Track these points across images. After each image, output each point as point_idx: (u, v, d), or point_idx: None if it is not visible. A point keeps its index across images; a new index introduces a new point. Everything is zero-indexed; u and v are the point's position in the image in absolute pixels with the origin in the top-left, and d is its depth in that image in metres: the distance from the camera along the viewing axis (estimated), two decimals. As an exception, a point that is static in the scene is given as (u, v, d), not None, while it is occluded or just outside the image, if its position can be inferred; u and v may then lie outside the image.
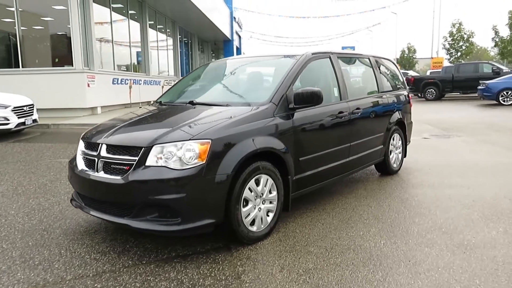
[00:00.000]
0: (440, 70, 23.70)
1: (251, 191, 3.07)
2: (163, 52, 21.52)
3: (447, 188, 4.54)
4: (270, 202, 3.27)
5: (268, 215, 3.28)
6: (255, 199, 3.13)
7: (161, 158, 2.79)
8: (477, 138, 8.20)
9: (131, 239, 3.27)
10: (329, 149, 3.86)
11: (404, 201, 4.10)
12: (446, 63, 33.81)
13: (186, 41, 26.83)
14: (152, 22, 19.41)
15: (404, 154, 5.59)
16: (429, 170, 5.49)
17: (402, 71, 33.42)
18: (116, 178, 2.85)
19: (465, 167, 5.60)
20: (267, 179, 3.20)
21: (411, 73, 30.95)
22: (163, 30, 21.33)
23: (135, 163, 2.81)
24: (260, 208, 3.18)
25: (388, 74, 5.51)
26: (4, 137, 9.11)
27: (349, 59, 4.68)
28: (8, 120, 8.80)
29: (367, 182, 4.92)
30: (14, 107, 8.94)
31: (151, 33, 19.00)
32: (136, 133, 3.16)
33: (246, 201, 3.06)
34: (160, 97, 4.28)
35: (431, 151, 6.85)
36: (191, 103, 3.69)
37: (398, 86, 5.58)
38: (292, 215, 3.77)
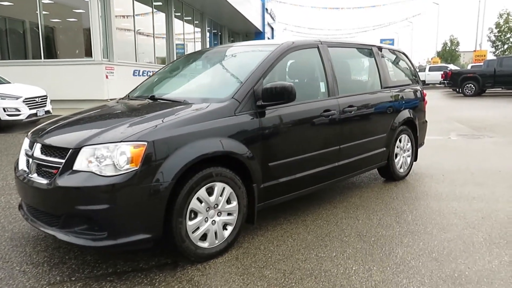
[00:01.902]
0: (482, 64, 22.16)
1: (200, 202, 2.65)
2: (190, 44, 21.35)
3: (455, 200, 3.92)
4: (229, 214, 2.84)
5: (226, 229, 2.85)
6: (207, 211, 2.71)
7: (92, 161, 2.42)
8: (511, 139, 7.35)
9: (74, 249, 2.94)
10: (309, 153, 3.36)
11: (399, 215, 3.54)
12: (492, 57, 31.72)
13: (215, 33, 26.57)
14: (179, 14, 19.24)
15: (415, 157, 4.96)
16: (442, 176, 4.84)
17: (441, 64, 31.75)
18: (43, 183, 2.53)
19: (486, 174, 4.90)
20: (224, 188, 2.76)
21: (452, 67, 29.24)
22: (190, 22, 21.14)
23: (61, 166, 2.46)
24: (215, 221, 2.76)
25: (396, 68, 4.89)
26: (15, 128, 9.16)
27: (345, 49, 4.12)
28: (19, 111, 8.82)
29: (365, 189, 4.36)
30: (26, 98, 8.95)
31: (177, 25, 18.84)
32: (71, 133, 2.81)
33: (195, 213, 2.65)
34: (132, 90, 3.93)
35: (453, 154, 6.14)
36: (152, 98, 3.31)
37: (408, 81, 4.94)
38: (264, 227, 3.32)
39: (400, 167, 4.69)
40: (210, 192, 2.71)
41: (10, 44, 14.10)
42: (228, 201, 2.83)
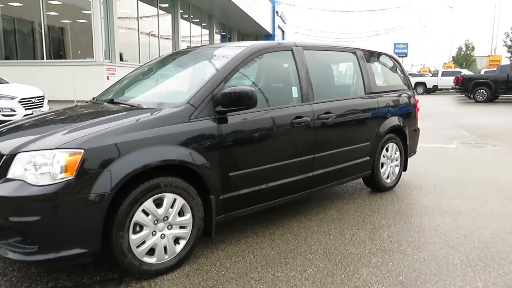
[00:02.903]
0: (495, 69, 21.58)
1: (147, 214, 2.47)
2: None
3: (440, 215, 3.65)
4: (181, 227, 2.65)
5: (178, 243, 2.66)
6: (155, 224, 2.52)
7: (27, 169, 2.26)
8: (515, 149, 7.00)
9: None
10: (277, 162, 3.15)
11: (375, 231, 3.30)
12: (507, 62, 30.94)
13: (224, 35, 26.50)
14: (186, 16, 19.21)
15: (404, 167, 4.70)
16: (433, 187, 4.57)
17: (454, 69, 31.03)
18: None
19: (481, 185, 4.61)
20: (175, 199, 2.57)
21: (465, 72, 28.60)
22: (198, 24, 21.09)
23: None
24: (164, 235, 2.57)
25: (384, 72, 4.65)
26: (11, 128, 9.12)
27: (325, 53, 3.89)
28: (15, 111, 8.78)
29: (347, 201, 4.12)
30: (22, 98, 8.92)
31: (184, 27, 18.80)
32: (11, 138, 2.64)
33: (141, 226, 2.47)
34: (101, 93, 3.77)
35: (451, 163, 5.85)
36: (111, 101, 3.15)
37: (397, 87, 4.67)
38: (228, 240, 3.12)
39: (387, 177, 4.44)
40: (159, 203, 2.52)
41: (18, 45, 14.21)
42: (181, 213, 2.64)
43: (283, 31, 37.73)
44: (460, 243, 3.04)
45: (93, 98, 3.61)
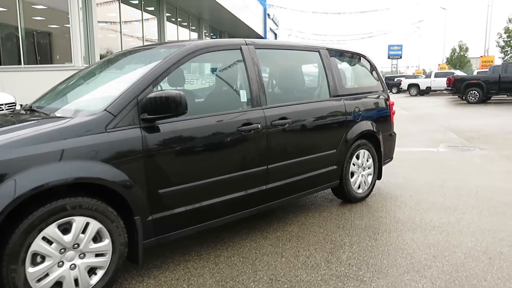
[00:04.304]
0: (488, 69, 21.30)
1: (50, 242, 2.09)
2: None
3: (411, 231, 3.29)
4: (98, 255, 2.28)
5: (95, 273, 2.29)
6: (62, 253, 2.14)
7: None
8: (503, 152, 6.64)
9: None
10: (220, 176, 2.78)
11: (334, 251, 2.92)
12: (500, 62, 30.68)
13: (214, 38, 26.22)
14: (174, 19, 18.89)
15: (378, 175, 4.34)
16: (409, 197, 4.21)
17: (447, 71, 30.82)
18: None
19: (460, 194, 4.25)
20: (87, 223, 2.20)
21: (458, 73, 28.34)
22: (186, 27, 20.77)
23: None
24: (75, 265, 2.19)
25: (354, 73, 4.30)
26: (-22, 137, 8.73)
27: (282, 52, 3.53)
28: (-18, 119, 8.40)
29: (312, 214, 3.75)
30: (-10, 105, 8.53)
31: (171, 30, 18.46)
32: None
33: (43, 257, 2.09)
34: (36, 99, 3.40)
35: (433, 168, 5.50)
36: (30, 109, 2.79)
37: (369, 89, 4.32)
38: (164, 265, 2.74)
39: (358, 187, 4.07)
40: (67, 228, 2.15)
41: (2, 50, 13.84)
42: (97, 239, 2.27)
43: (275, 34, 37.46)
44: (427, 265, 2.67)
45: (21, 106, 3.24)
